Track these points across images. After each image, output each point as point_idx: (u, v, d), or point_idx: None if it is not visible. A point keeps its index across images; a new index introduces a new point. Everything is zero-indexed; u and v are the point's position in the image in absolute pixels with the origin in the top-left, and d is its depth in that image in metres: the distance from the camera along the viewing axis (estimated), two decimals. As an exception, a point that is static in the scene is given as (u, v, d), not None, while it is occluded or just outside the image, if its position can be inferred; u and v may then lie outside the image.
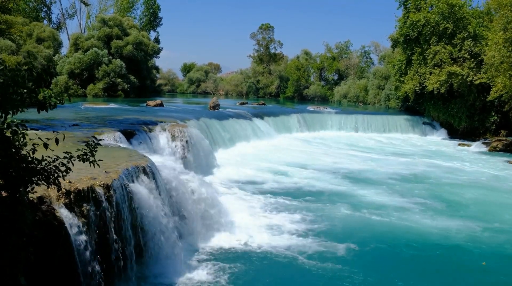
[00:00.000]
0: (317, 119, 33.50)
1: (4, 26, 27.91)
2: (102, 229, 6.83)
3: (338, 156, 22.38)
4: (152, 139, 15.09)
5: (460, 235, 10.95)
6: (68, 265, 6.07)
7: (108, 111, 23.23)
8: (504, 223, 12.13)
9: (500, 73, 26.49)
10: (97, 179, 7.01)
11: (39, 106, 4.60)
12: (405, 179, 17.58)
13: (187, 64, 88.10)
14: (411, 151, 25.68)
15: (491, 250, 10.08)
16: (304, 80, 66.50)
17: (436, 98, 33.09)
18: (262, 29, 73.60)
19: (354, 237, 10.41)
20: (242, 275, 8.26)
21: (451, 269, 9.24)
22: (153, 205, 8.08)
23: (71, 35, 51.93)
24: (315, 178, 16.72)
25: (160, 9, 69.70)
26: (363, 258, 9.34)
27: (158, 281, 7.80)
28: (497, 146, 27.08)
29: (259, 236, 10.13)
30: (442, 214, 12.64)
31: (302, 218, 11.69)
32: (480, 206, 13.80)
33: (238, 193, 14.01)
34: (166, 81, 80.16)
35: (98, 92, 46.33)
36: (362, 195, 14.56)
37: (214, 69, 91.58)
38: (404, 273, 8.81)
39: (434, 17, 31.79)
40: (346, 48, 68.40)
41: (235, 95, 74.23)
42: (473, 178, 18.21)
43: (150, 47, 54.22)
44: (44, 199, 5.98)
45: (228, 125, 23.99)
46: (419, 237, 10.70)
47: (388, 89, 46.35)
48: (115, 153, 9.77)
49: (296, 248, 9.53)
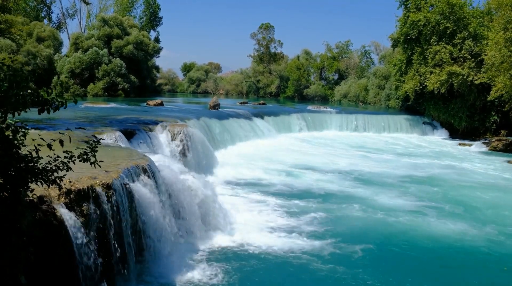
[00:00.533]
0: (318, 118, 33.50)
1: (5, 25, 27.92)
2: (102, 228, 6.83)
3: (337, 155, 22.37)
4: (152, 138, 15.08)
5: (477, 238, 10.76)
6: (68, 264, 6.07)
7: (108, 111, 23.23)
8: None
9: (501, 73, 26.48)
10: (97, 179, 7.01)
11: (41, 109, 4.58)
12: (410, 179, 17.54)
13: (187, 64, 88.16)
14: (412, 151, 25.67)
15: (510, 254, 9.90)
16: (304, 79, 66.50)
17: (436, 97, 33.08)
18: (262, 28, 73.61)
19: (354, 239, 10.41)
20: (241, 276, 8.26)
21: (471, 273, 9.02)
22: (153, 204, 8.08)
23: (72, 35, 51.96)
24: (315, 179, 16.71)
25: (160, 9, 69.74)
26: (362, 261, 9.33)
27: (158, 280, 7.80)
28: (497, 146, 27.09)
29: (259, 236, 10.13)
30: (457, 217, 12.43)
31: (302, 219, 11.68)
32: (494, 209, 13.56)
33: (238, 193, 14.00)
34: (166, 81, 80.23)
35: (99, 92, 46.37)
36: (364, 196, 14.53)
37: (214, 69, 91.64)
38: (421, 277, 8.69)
39: (435, 16, 31.78)
40: (347, 48, 68.44)
41: (235, 94, 74.25)
42: (482, 180, 18.00)
43: (150, 47, 54.21)
44: (44, 199, 5.98)
45: (228, 124, 23.99)
46: (434, 240, 10.54)
47: (389, 88, 46.34)
48: (115, 152, 9.77)
49: (296, 249, 9.51)
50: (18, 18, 39.07)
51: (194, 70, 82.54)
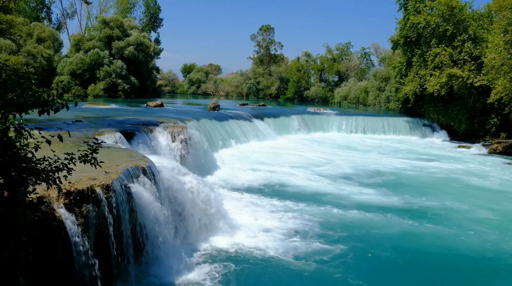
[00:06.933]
0: (317, 120, 33.53)
1: (5, 26, 27.98)
2: (101, 229, 6.84)
3: (336, 157, 22.37)
4: (152, 139, 15.10)
5: (476, 241, 10.71)
6: (67, 265, 6.07)
7: (108, 112, 23.24)
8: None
9: (501, 76, 26.51)
10: (97, 180, 7.01)
11: (41, 110, 4.59)
12: (410, 180, 17.58)
13: (188, 65, 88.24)
14: (411, 154, 25.67)
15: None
16: (304, 81, 66.53)
17: (436, 100, 33.12)
18: (262, 30, 73.69)
19: (355, 241, 10.41)
20: (241, 276, 8.27)
21: (463, 278, 9.02)
22: (153, 205, 8.09)
23: (73, 36, 52.04)
24: (314, 180, 16.71)
25: (160, 10, 69.93)
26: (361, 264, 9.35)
27: (157, 281, 7.81)
28: (497, 148, 27.11)
29: (258, 237, 10.14)
30: (453, 220, 12.42)
31: (302, 221, 11.67)
32: (493, 211, 13.46)
33: (238, 194, 14.00)
34: (166, 82, 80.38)
35: (99, 93, 46.46)
36: (361, 197, 14.55)
37: (215, 70, 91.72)
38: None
39: (434, 19, 31.84)
40: (347, 50, 68.51)
41: (235, 96, 74.29)
42: (481, 182, 17.93)
43: (150, 48, 54.31)
44: (43, 199, 5.98)
45: (228, 126, 24.01)
46: (429, 244, 10.53)
47: (388, 91, 46.37)
48: (115, 153, 9.78)
49: (296, 251, 9.51)
50: (18, 18, 39.14)
51: (194, 71, 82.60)
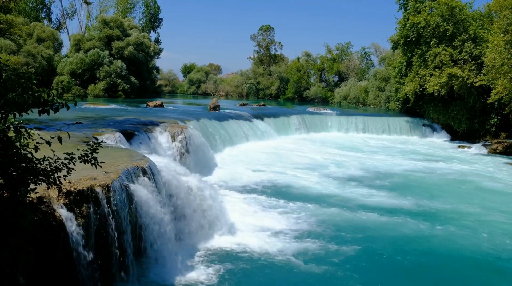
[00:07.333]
0: (317, 120, 33.53)
1: (5, 26, 27.99)
2: (101, 229, 6.83)
3: (335, 157, 22.37)
4: (152, 139, 15.09)
5: (474, 242, 10.68)
6: (67, 265, 6.07)
7: (108, 112, 23.23)
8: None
9: (501, 75, 26.51)
10: (97, 180, 7.01)
11: (41, 110, 4.58)
12: (409, 181, 17.58)
13: (188, 65, 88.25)
14: (411, 154, 25.67)
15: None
16: (304, 81, 66.51)
17: (436, 100, 33.12)
18: (262, 30, 73.67)
19: (355, 241, 10.40)
20: (240, 276, 8.26)
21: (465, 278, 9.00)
22: (153, 205, 8.09)
23: (73, 36, 52.04)
24: (314, 181, 16.70)
25: (160, 10, 69.94)
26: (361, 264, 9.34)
27: (157, 281, 7.80)
28: (497, 148, 27.11)
29: (258, 237, 10.13)
30: (453, 220, 12.40)
31: (301, 221, 11.67)
32: (493, 211, 13.44)
33: (237, 194, 13.99)
34: (166, 82, 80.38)
35: (99, 93, 46.46)
36: (359, 198, 14.54)
37: (215, 70, 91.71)
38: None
39: (434, 19, 31.84)
40: (347, 50, 68.51)
41: (235, 96, 74.29)
42: (481, 182, 17.91)
43: (150, 48, 54.31)
44: (44, 199, 5.98)
45: (228, 126, 24.00)
46: (428, 244, 10.52)
47: (389, 91, 46.37)
48: (115, 153, 9.77)
49: (295, 251, 9.50)
50: (18, 18, 39.14)
51: (194, 71, 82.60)
